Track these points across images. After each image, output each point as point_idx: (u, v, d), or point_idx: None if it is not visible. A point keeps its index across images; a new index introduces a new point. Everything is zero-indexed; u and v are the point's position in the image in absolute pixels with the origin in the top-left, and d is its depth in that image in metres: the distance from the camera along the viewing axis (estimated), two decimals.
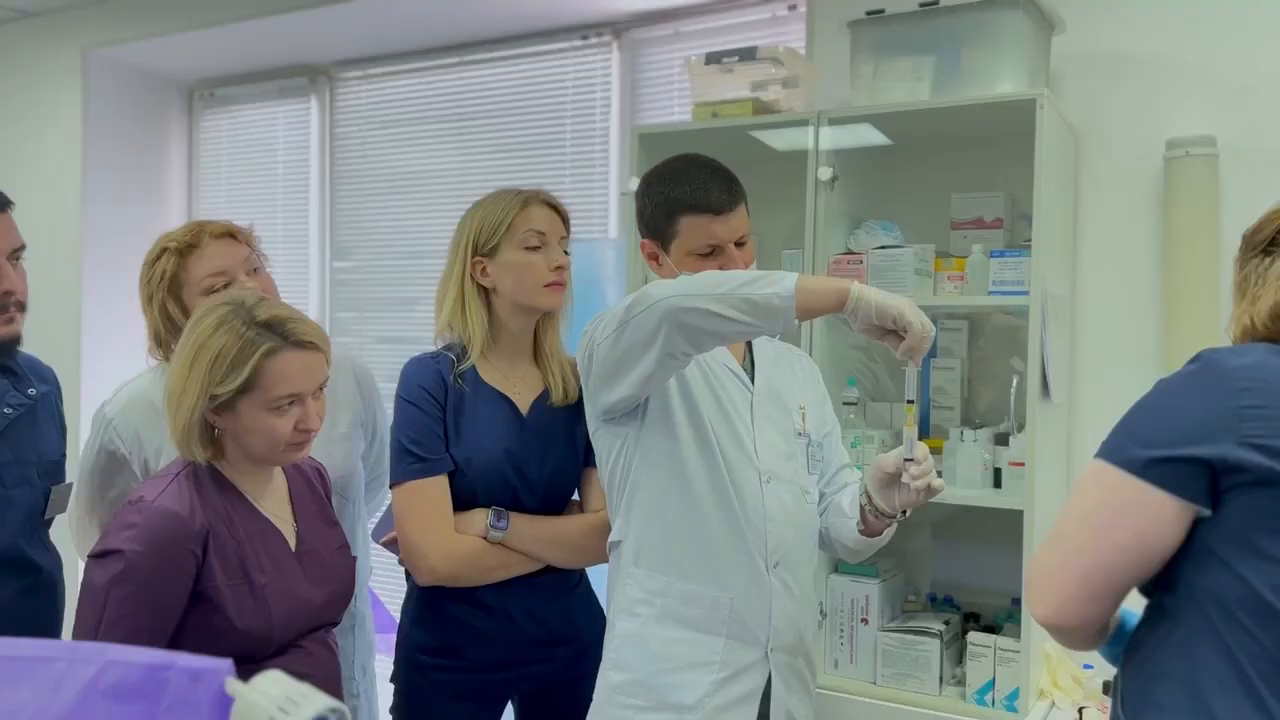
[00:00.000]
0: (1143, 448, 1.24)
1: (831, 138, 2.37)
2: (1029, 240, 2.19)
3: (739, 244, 1.81)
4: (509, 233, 1.91)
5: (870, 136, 2.48)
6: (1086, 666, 2.26)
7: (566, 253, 1.96)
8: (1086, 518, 1.28)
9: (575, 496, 2.05)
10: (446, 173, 3.75)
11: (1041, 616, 1.30)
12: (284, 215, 4.14)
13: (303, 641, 1.71)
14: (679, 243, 1.80)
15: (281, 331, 1.62)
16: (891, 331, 1.55)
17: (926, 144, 2.55)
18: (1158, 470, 1.22)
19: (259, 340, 1.60)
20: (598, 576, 2.00)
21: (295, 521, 1.77)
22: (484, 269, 1.93)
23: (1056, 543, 1.31)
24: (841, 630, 2.32)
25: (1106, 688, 2.21)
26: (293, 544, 1.73)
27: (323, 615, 1.75)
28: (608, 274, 3.05)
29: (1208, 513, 1.23)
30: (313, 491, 1.84)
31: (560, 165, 3.54)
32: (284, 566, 1.70)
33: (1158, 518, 1.23)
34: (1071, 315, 2.48)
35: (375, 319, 3.97)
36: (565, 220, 1.98)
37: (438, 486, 1.87)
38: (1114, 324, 2.46)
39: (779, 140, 2.54)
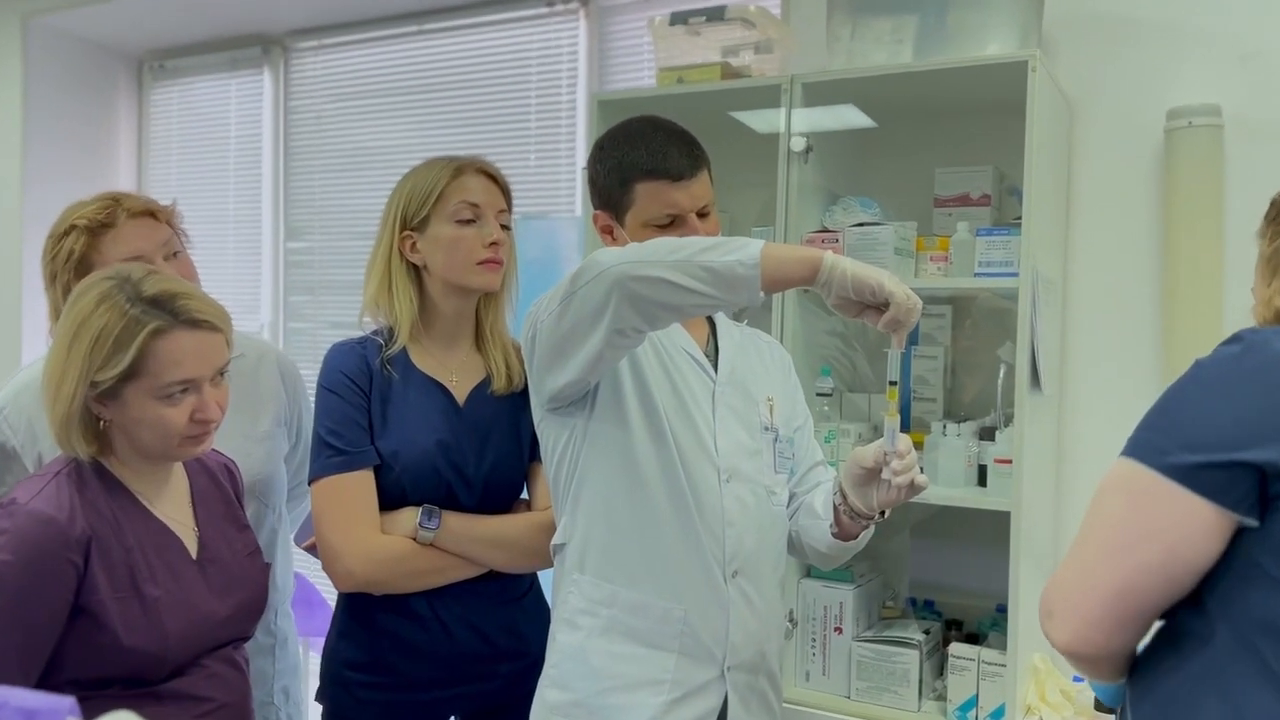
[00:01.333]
0: (1183, 450, 1.08)
1: (806, 104, 2.19)
2: (1018, 218, 2.04)
3: (702, 214, 1.65)
4: (439, 204, 1.74)
5: (848, 108, 2.30)
6: (1076, 679, 2.09)
7: (506, 227, 1.79)
8: (1111, 530, 1.12)
9: (525, 495, 1.88)
10: (406, 148, 3.58)
11: (1062, 644, 1.15)
12: (236, 193, 3.98)
13: (205, 660, 1.54)
14: (635, 212, 1.64)
15: (171, 308, 1.44)
16: (870, 307, 1.40)
17: (908, 113, 2.38)
18: (1197, 475, 1.06)
19: (145, 318, 1.43)
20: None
21: (197, 525, 1.59)
22: (413, 244, 1.76)
23: (1078, 559, 1.15)
24: (813, 640, 2.15)
25: (1099, 705, 2.05)
26: (193, 551, 1.56)
27: (229, 630, 1.58)
28: (572, 254, 2.89)
29: (1254, 523, 1.06)
30: (219, 491, 1.66)
31: (525, 139, 3.39)
32: (181, 576, 1.52)
33: (1194, 529, 1.07)
34: (1063, 300, 2.32)
35: (330, 303, 3.81)
36: (505, 192, 1.82)
37: (359, 482, 1.70)
38: (1109, 309, 2.30)
39: (750, 109, 2.36)
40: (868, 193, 2.31)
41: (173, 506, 1.57)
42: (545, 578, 1.87)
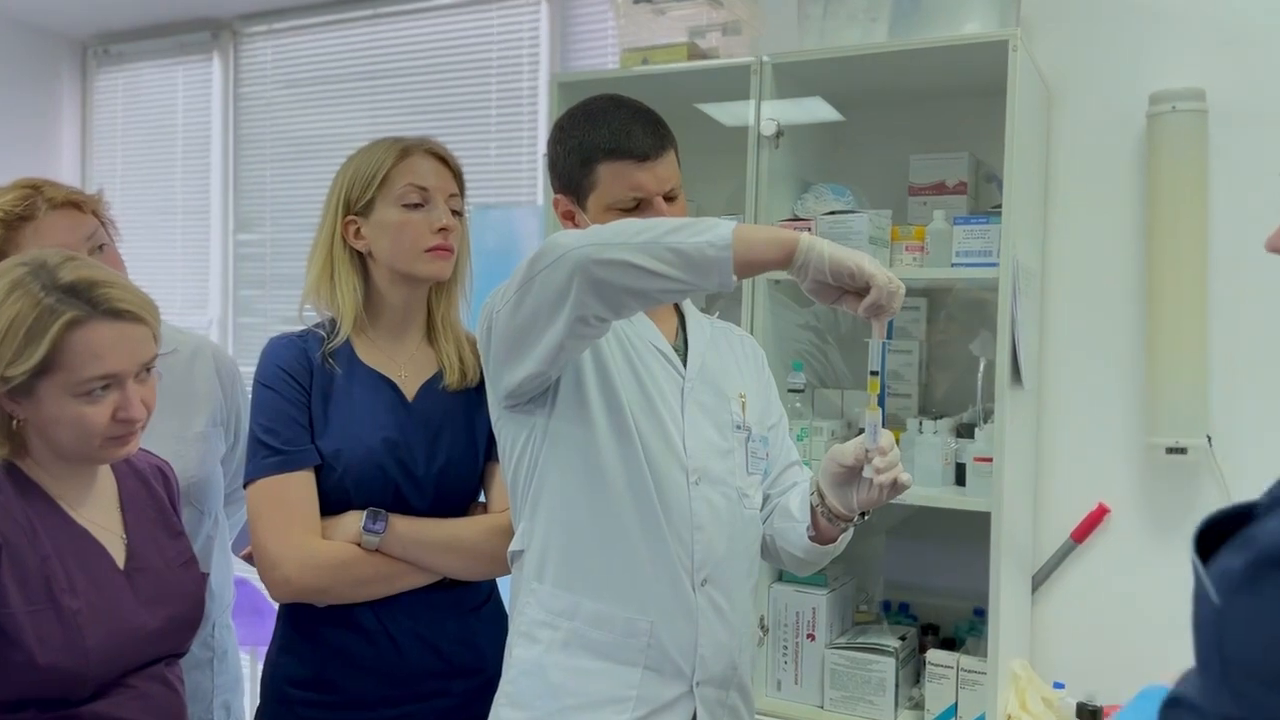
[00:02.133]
0: None
1: (776, 85, 2.10)
2: (996, 206, 1.97)
3: (668, 198, 1.55)
4: (384, 187, 1.63)
5: (818, 101, 2.21)
6: (1058, 685, 2.02)
7: (457, 213, 1.68)
8: None
9: (483, 498, 1.76)
10: (360, 137, 3.36)
11: None
12: (183, 183, 3.86)
13: (132, 679, 1.42)
14: (597, 195, 1.54)
15: (89, 297, 1.33)
16: (849, 292, 1.31)
17: (882, 97, 2.30)
18: None
19: (60, 308, 1.31)
20: None
21: (125, 532, 1.47)
22: (357, 230, 1.65)
23: None
24: (785, 647, 2.06)
25: (1080, 710, 1.98)
26: (120, 560, 1.44)
27: (160, 645, 1.46)
28: (531, 244, 2.77)
29: None
30: (151, 495, 1.54)
31: (485, 127, 3.28)
32: (105, 587, 1.40)
33: None
34: (1041, 291, 2.23)
35: (281, 297, 3.69)
36: (456, 175, 1.70)
37: (298, 483, 1.58)
38: (1089, 300, 2.24)
39: (717, 90, 2.27)
40: (840, 180, 2.23)
41: (98, 512, 1.45)
42: (505, 587, 1.76)
